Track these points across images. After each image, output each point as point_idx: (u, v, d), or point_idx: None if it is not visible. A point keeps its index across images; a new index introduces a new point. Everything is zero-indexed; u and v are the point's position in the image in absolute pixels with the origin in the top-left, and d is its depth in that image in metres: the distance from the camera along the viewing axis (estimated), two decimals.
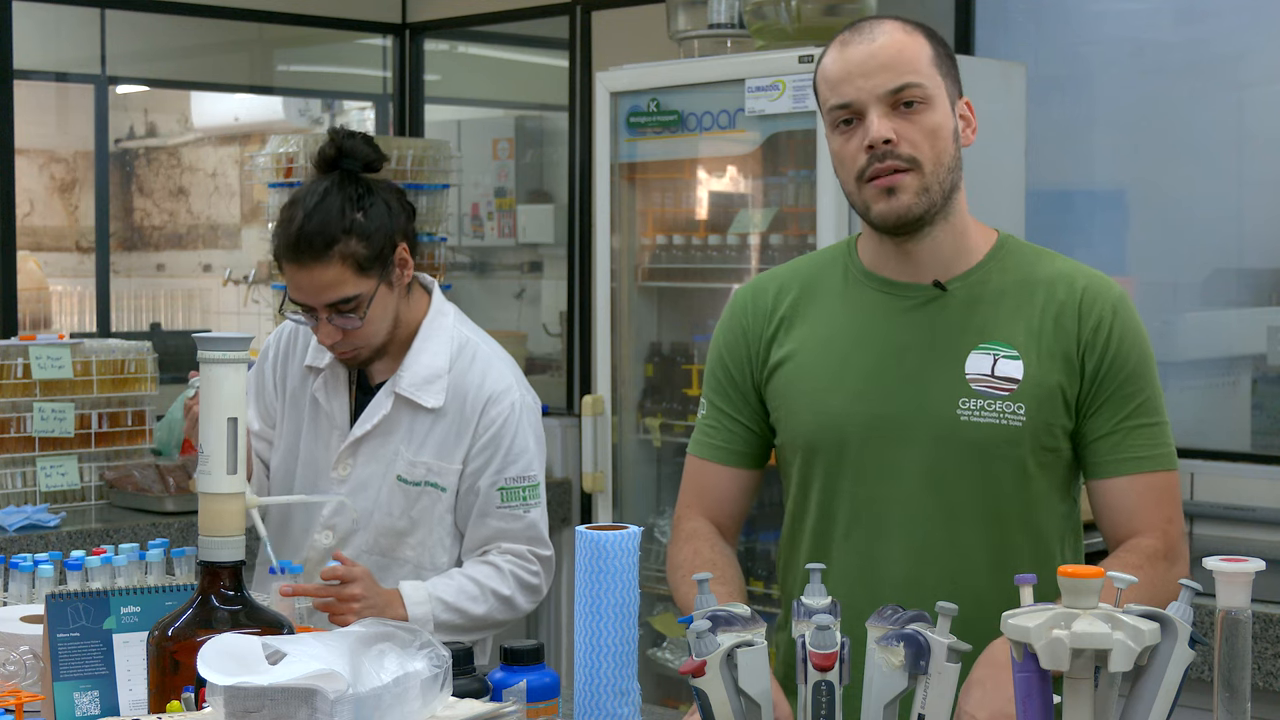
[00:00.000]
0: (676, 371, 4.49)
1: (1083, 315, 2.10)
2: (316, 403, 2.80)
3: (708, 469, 2.28)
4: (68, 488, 4.34)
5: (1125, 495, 2.10)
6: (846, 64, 2.08)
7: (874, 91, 2.05)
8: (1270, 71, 4.13)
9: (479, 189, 6.01)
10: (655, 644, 4.44)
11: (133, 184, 8.14)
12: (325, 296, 2.62)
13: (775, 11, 4.08)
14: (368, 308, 2.63)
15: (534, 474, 2.75)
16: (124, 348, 4.49)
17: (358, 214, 2.62)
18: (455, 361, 2.75)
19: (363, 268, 2.61)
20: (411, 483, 2.73)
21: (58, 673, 1.94)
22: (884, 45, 2.07)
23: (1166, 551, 2.08)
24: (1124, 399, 2.09)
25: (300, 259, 2.60)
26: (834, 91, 2.09)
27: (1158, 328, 4.20)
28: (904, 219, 2.08)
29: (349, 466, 2.75)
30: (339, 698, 1.57)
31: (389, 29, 6.07)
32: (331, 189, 2.64)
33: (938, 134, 2.07)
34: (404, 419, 2.73)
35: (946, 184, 2.09)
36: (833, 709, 1.71)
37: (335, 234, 2.59)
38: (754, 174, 4.30)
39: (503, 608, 2.72)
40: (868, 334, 2.16)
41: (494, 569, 2.72)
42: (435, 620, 2.63)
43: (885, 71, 2.05)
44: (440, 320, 2.77)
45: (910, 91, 2.06)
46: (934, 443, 2.10)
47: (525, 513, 2.73)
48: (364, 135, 2.71)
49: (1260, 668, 3.17)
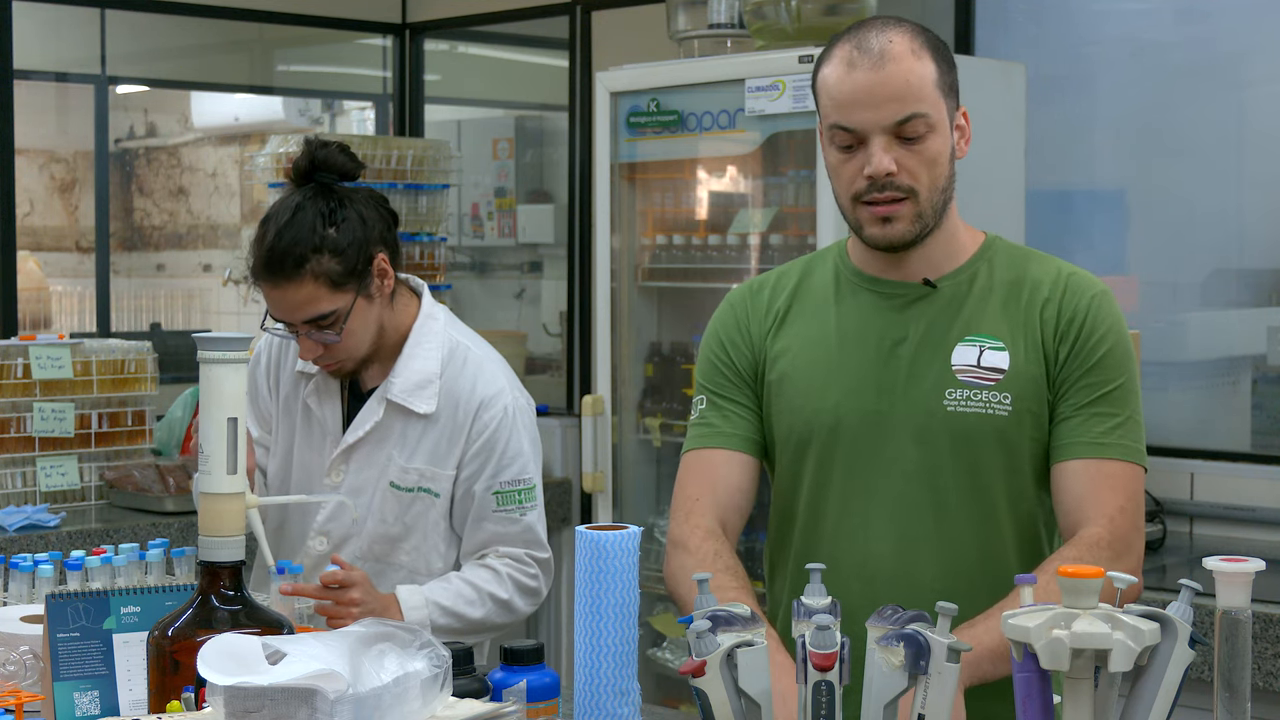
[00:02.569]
0: (676, 371, 4.49)
1: (1062, 306, 2.13)
2: (309, 409, 2.79)
3: (715, 457, 2.23)
4: (68, 488, 4.34)
5: (1077, 479, 2.08)
6: (853, 89, 2.06)
7: (880, 123, 2.05)
8: (1270, 71, 4.13)
9: (479, 189, 6.01)
10: (655, 644, 4.44)
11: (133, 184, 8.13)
12: (301, 314, 2.60)
13: (775, 11, 4.08)
14: (344, 322, 2.61)
15: (529, 477, 2.73)
16: (124, 348, 4.49)
17: (329, 229, 2.59)
18: (447, 366, 2.73)
19: (336, 284, 2.59)
20: (405, 489, 2.72)
21: (58, 673, 1.94)
22: (892, 74, 2.05)
23: (1111, 541, 2.03)
24: (1090, 386, 2.10)
25: (273, 278, 2.59)
26: (838, 111, 2.08)
27: (1158, 328, 4.20)
28: (896, 244, 2.12)
29: (342, 473, 2.75)
30: (339, 698, 1.57)
31: (389, 29, 6.07)
32: (303, 205, 2.61)
33: (937, 161, 2.09)
34: (396, 425, 2.72)
35: (940, 205, 2.12)
36: (833, 709, 1.71)
37: (305, 253, 2.57)
38: (754, 174, 4.30)
39: (500, 611, 2.71)
40: (858, 331, 2.18)
41: (491, 573, 2.71)
42: (432, 625, 2.62)
43: (893, 103, 2.05)
44: (430, 325, 2.75)
45: (915, 124, 2.06)
46: (921, 434, 2.12)
47: (522, 516, 2.72)
48: (339, 145, 2.68)
49: (1260, 668, 3.17)
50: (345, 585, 2.53)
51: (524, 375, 5.60)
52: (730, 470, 2.23)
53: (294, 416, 2.81)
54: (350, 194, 2.66)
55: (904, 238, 2.10)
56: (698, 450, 2.26)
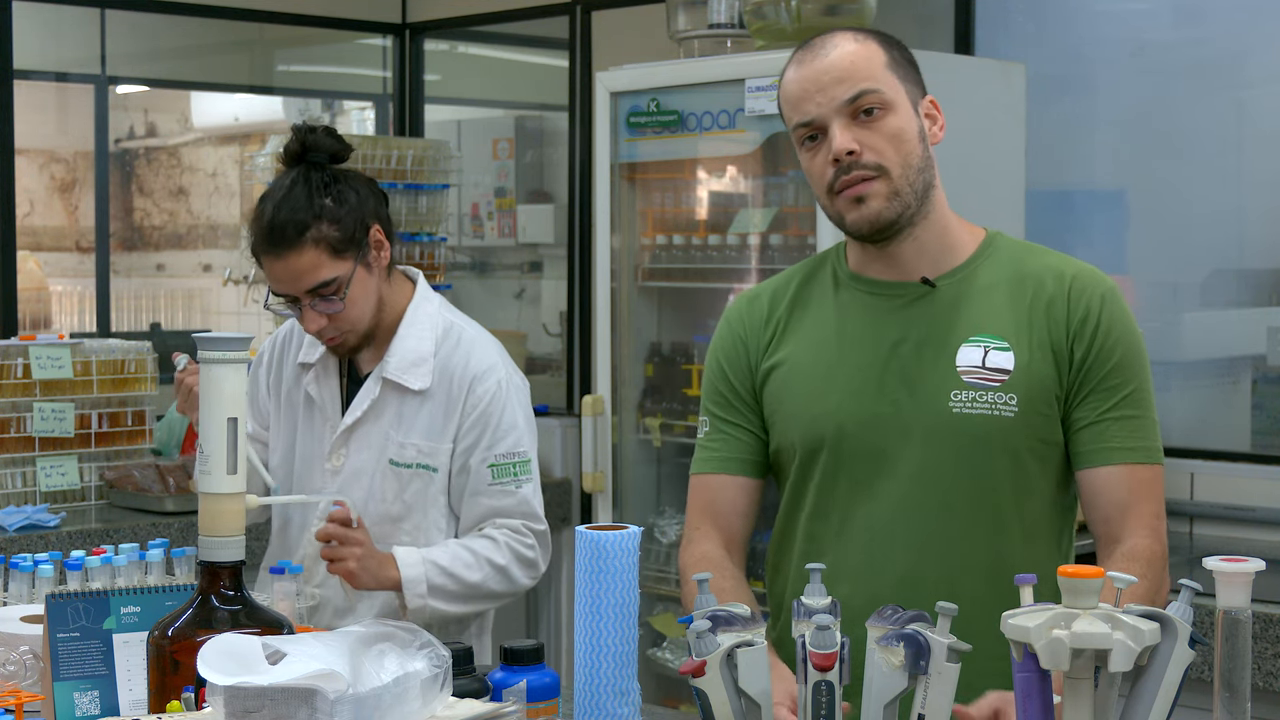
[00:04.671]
0: (676, 371, 4.49)
1: (1071, 305, 2.12)
2: (310, 398, 2.84)
3: (714, 482, 2.27)
4: (68, 488, 4.34)
5: (1116, 488, 2.10)
6: (803, 82, 2.11)
7: (831, 105, 2.08)
8: (1270, 71, 4.13)
9: (479, 189, 6.01)
10: (655, 644, 4.44)
11: (133, 184, 8.13)
12: (304, 282, 2.66)
13: (775, 11, 4.08)
14: (347, 288, 2.67)
15: (524, 450, 2.78)
16: (124, 348, 4.49)
17: (326, 199, 2.67)
18: (441, 345, 2.79)
19: (337, 250, 2.66)
20: (403, 465, 2.77)
21: (58, 673, 1.94)
22: (837, 58, 2.10)
23: (1162, 553, 2.10)
24: (1110, 389, 2.10)
25: (275, 249, 2.66)
26: (795, 110, 2.13)
27: (1158, 328, 4.19)
28: (876, 225, 2.11)
29: (342, 456, 2.80)
30: (339, 698, 1.57)
31: (389, 29, 6.07)
32: (298, 179, 2.69)
33: (901, 137, 2.09)
34: (392, 403, 2.78)
35: (918, 185, 2.11)
36: (833, 709, 1.71)
37: (306, 220, 2.65)
38: (754, 174, 4.30)
39: (498, 577, 2.74)
40: (859, 334, 2.17)
41: (489, 541, 2.75)
42: (429, 583, 2.67)
43: (840, 84, 2.08)
44: (425, 306, 2.82)
45: (867, 99, 2.08)
46: (927, 436, 2.11)
47: (517, 488, 2.77)
48: (326, 128, 2.76)
49: (1260, 668, 3.17)
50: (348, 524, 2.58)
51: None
52: (729, 495, 2.27)
53: (296, 409, 2.86)
54: (341, 172, 2.74)
55: (881, 216, 2.10)
56: (700, 475, 2.30)
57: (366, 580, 2.63)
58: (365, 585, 2.64)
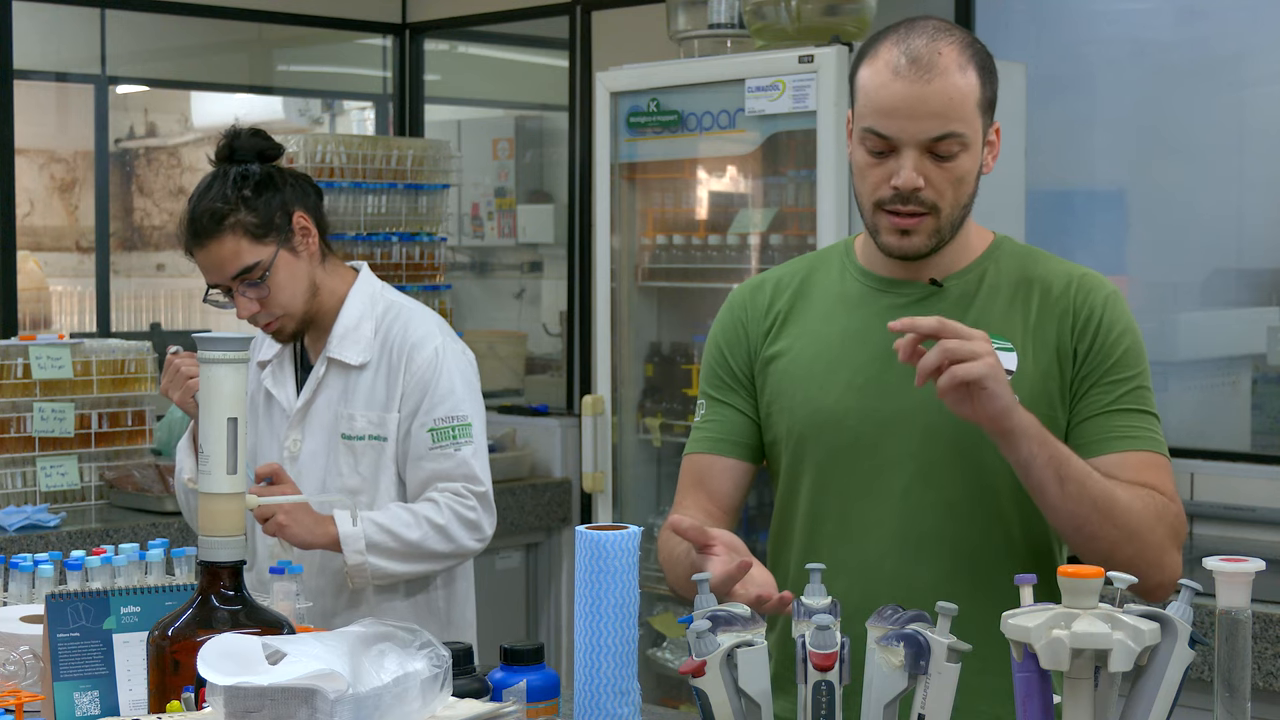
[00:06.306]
0: (676, 371, 4.49)
1: (1076, 307, 2.13)
2: (269, 394, 2.95)
3: (705, 461, 2.27)
4: (68, 488, 4.34)
5: (1122, 469, 2.06)
6: (893, 99, 2.04)
7: (916, 136, 2.05)
8: (1270, 71, 4.13)
9: (479, 189, 6.01)
10: (655, 644, 4.44)
11: (133, 184, 8.13)
12: (228, 269, 2.78)
13: (775, 11, 4.08)
14: (269, 272, 2.78)
15: (464, 414, 2.84)
16: (124, 348, 4.49)
17: (244, 190, 2.78)
18: (381, 321, 2.90)
19: (256, 236, 2.77)
20: (355, 438, 2.86)
21: (58, 673, 1.94)
22: (938, 91, 2.04)
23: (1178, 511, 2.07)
24: (1112, 384, 2.10)
25: (198, 240, 2.78)
26: (874, 117, 2.06)
27: (1157, 328, 4.19)
28: (910, 256, 2.12)
29: (298, 441, 2.89)
30: (339, 698, 1.57)
31: (389, 29, 6.07)
32: (218, 176, 2.83)
33: (964, 180, 2.09)
34: (338, 381, 2.88)
35: (959, 221, 2.12)
36: (833, 709, 1.71)
37: (223, 210, 2.76)
38: (754, 174, 4.30)
39: (437, 536, 2.78)
40: (863, 330, 2.17)
41: (430, 503, 2.81)
42: (368, 540, 2.72)
43: (934, 119, 2.04)
44: (365, 288, 2.92)
45: (951, 143, 2.06)
46: (926, 434, 2.11)
47: (456, 451, 2.83)
48: (254, 129, 2.88)
49: (1260, 668, 3.17)
50: (276, 480, 2.65)
51: (524, 375, 5.61)
52: (720, 476, 2.26)
53: (257, 407, 2.96)
54: (270, 168, 2.85)
55: (919, 251, 2.11)
56: (692, 455, 2.30)
57: (300, 534, 2.68)
58: (299, 539, 2.69)
